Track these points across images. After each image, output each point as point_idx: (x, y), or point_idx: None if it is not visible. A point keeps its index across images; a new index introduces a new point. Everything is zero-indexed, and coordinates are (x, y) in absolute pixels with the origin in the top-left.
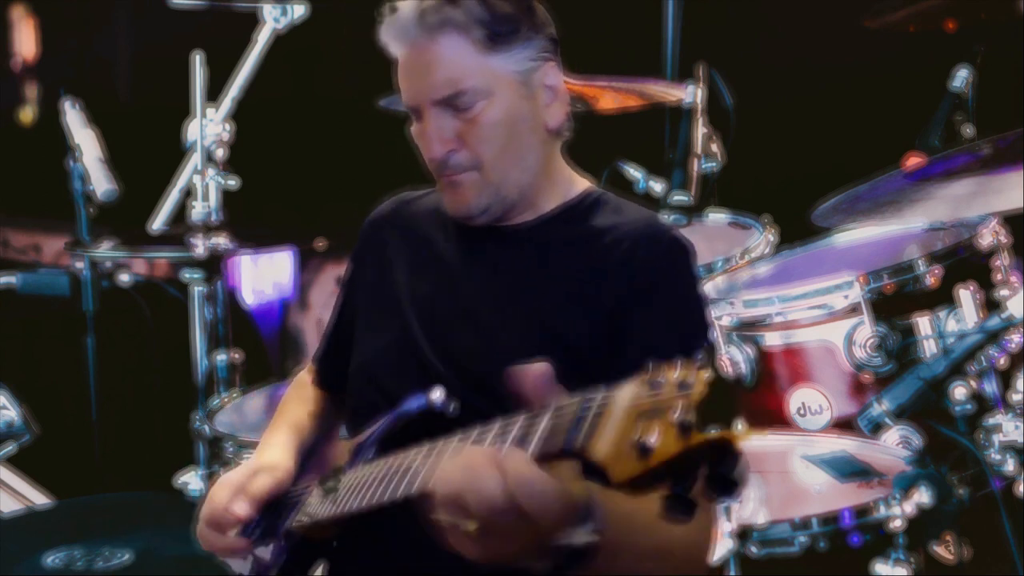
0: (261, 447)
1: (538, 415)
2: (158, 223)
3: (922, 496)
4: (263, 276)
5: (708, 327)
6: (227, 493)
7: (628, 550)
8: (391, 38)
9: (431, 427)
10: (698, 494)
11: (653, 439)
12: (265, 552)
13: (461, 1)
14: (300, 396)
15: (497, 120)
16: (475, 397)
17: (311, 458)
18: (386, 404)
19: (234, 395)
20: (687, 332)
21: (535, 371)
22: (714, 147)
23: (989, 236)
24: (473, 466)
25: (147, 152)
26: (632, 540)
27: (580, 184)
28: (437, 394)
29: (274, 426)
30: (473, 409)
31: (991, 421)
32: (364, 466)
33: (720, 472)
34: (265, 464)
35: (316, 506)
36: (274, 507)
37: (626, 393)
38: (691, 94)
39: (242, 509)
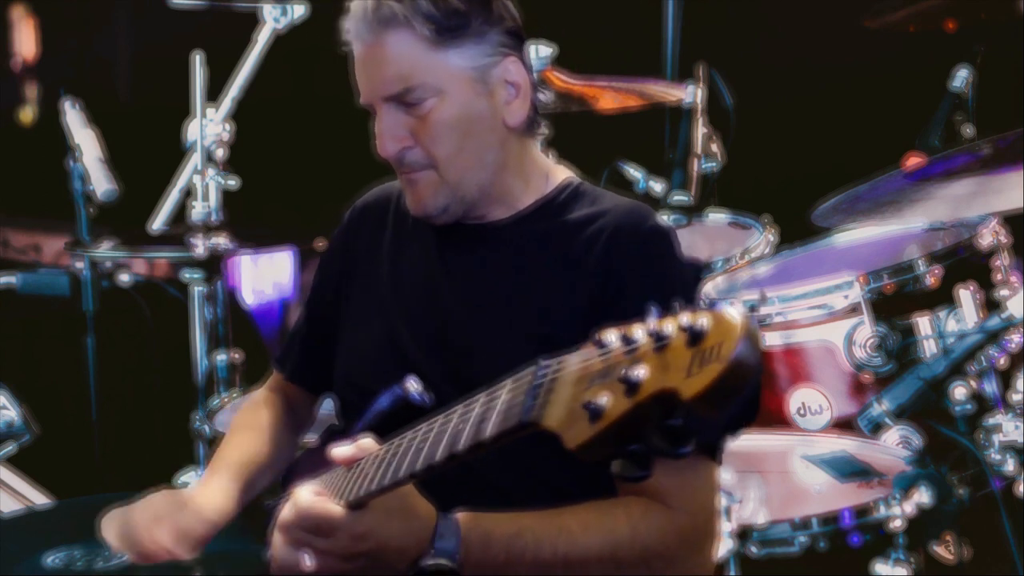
0: (200, 484)
1: (496, 391)
2: (158, 223)
3: (922, 496)
4: (263, 276)
5: None
6: (160, 528)
7: (521, 568)
8: (348, 37)
9: (413, 419)
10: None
11: (603, 400)
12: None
13: None
14: (249, 425)
15: (449, 118)
16: (464, 398)
17: (257, 488)
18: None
19: (234, 395)
20: None
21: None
22: (714, 147)
23: (989, 236)
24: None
25: (147, 152)
26: (523, 557)
27: (557, 177)
28: (412, 384)
29: (214, 465)
30: None
31: (991, 421)
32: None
33: (671, 425)
34: (198, 503)
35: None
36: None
37: (576, 357)
38: (691, 94)
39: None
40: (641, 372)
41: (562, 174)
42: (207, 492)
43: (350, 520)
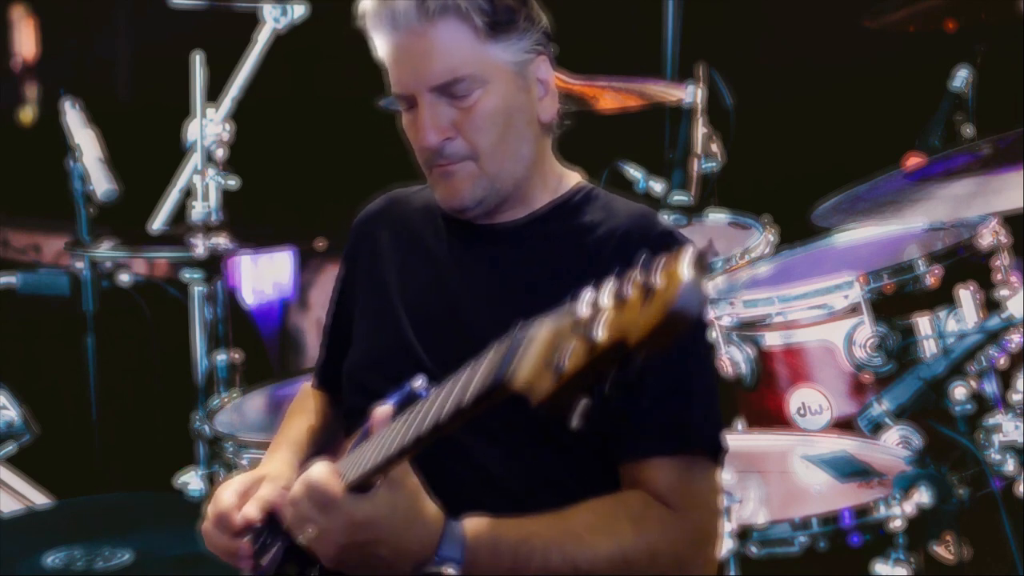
0: (264, 462)
1: (481, 357)
2: (158, 223)
3: (922, 496)
4: (263, 276)
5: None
6: (234, 496)
7: (533, 570)
8: (383, 24)
9: None
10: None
11: (566, 356)
12: (264, 557)
13: None
14: (303, 409)
15: (494, 110)
16: None
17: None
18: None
19: (234, 395)
20: None
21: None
22: (714, 147)
23: (989, 236)
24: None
25: (147, 152)
26: (530, 563)
27: (570, 179)
28: (419, 382)
29: (276, 444)
30: None
31: (991, 421)
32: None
33: (625, 375)
34: (270, 473)
35: None
36: (272, 516)
37: (550, 320)
38: (691, 94)
39: (250, 512)
40: (600, 327)
41: (575, 178)
42: (274, 466)
43: (350, 502)
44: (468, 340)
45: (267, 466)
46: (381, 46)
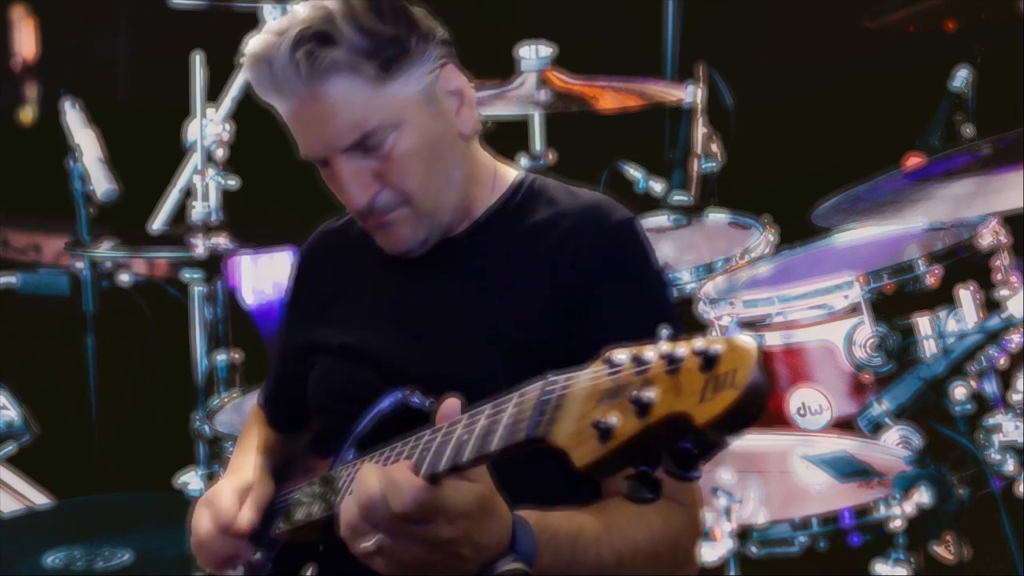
0: (230, 471)
1: (502, 404)
2: (158, 223)
3: (922, 496)
4: (263, 276)
5: (669, 304)
6: (234, 502)
7: (583, 567)
8: (268, 89)
9: (409, 426)
10: (662, 473)
11: (613, 420)
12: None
13: (339, 36)
14: (261, 420)
15: (414, 149)
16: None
17: (284, 473)
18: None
19: (234, 395)
20: (649, 313)
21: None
22: (714, 147)
23: (989, 236)
24: (362, 479)
25: (147, 152)
26: (586, 556)
27: (507, 175)
28: (409, 390)
29: (240, 451)
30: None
31: (991, 421)
32: (342, 469)
33: (681, 448)
34: (249, 480)
35: (300, 511)
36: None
37: (585, 375)
38: (691, 94)
39: (252, 517)
40: (652, 394)
41: (511, 172)
42: (249, 472)
43: (440, 494)
44: (434, 360)
45: (242, 471)
46: (277, 109)
